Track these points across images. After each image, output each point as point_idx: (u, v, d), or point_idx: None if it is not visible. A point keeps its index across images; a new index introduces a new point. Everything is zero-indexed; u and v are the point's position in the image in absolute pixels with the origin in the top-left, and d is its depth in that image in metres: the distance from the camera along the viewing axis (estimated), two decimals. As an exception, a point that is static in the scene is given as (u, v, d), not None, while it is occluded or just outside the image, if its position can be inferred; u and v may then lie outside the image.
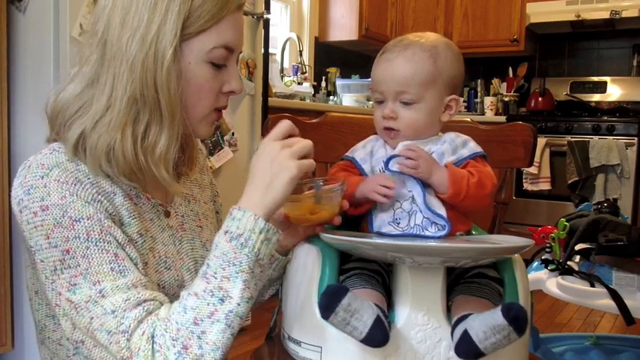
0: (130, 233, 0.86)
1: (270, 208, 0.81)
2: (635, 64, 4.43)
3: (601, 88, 4.49)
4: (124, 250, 0.83)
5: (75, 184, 0.82)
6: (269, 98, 2.72)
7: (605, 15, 4.05)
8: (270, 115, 2.22)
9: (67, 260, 0.80)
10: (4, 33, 1.84)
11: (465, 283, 0.89)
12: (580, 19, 4.14)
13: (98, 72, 0.85)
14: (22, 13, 1.86)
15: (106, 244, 0.81)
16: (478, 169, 0.94)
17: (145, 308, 0.79)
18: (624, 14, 3.98)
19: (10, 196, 2.03)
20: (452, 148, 0.95)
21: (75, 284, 0.80)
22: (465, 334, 0.77)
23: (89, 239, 0.80)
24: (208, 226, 1.03)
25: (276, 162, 0.80)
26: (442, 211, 0.91)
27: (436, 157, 0.93)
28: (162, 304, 0.82)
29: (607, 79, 4.49)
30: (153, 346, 0.77)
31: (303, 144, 0.83)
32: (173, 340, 0.77)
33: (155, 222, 0.92)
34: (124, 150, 0.83)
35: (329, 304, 0.77)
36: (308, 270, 0.92)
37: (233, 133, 2.38)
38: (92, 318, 0.79)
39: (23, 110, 1.89)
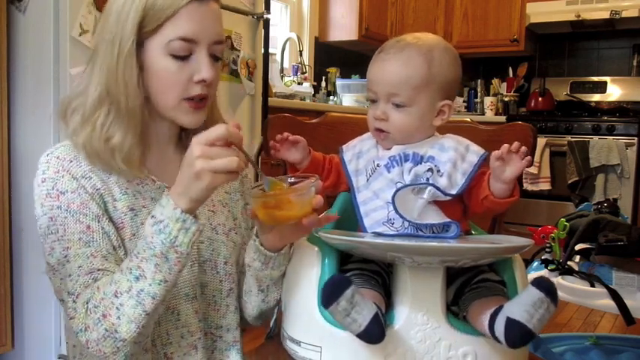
0: (120, 207, 0.95)
1: (190, 202, 0.83)
2: (635, 64, 4.44)
3: (601, 88, 4.49)
4: (99, 222, 0.92)
5: (71, 161, 0.94)
6: (269, 98, 2.72)
7: (605, 15, 4.05)
8: (270, 115, 2.21)
9: (50, 227, 0.91)
10: (4, 33, 1.84)
11: (472, 290, 0.89)
12: (580, 19, 4.14)
13: (89, 74, 0.96)
14: (22, 13, 1.86)
15: (81, 215, 0.91)
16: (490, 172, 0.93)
17: (94, 276, 0.88)
18: (624, 14, 3.98)
19: (10, 196, 2.02)
20: (460, 155, 0.94)
21: (53, 248, 0.91)
22: (510, 321, 0.76)
23: (68, 210, 0.91)
24: (224, 212, 1.07)
25: (192, 168, 0.80)
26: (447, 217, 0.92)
27: (450, 165, 0.92)
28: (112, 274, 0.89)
29: (607, 79, 4.49)
30: (86, 310, 0.87)
31: (224, 162, 0.79)
32: (95, 307, 0.86)
33: (156, 201, 0.97)
34: (92, 141, 0.92)
35: (332, 293, 0.77)
36: (308, 270, 0.92)
37: (233, 133, 2.38)
38: (61, 279, 0.90)
39: (23, 110, 1.89)
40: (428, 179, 0.91)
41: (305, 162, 1.00)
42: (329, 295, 0.78)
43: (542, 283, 0.77)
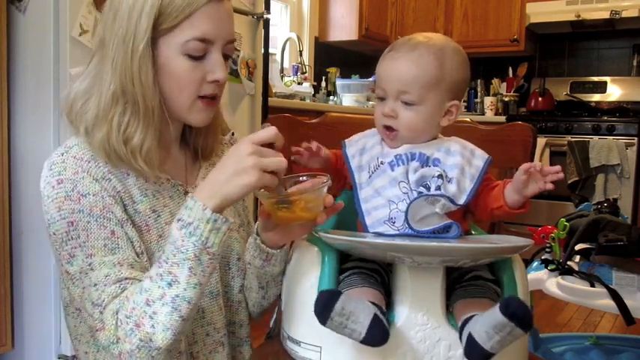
0: (143, 209, 0.93)
1: (221, 202, 0.82)
2: (635, 64, 4.43)
3: (601, 88, 4.49)
4: (122, 227, 0.89)
5: (89, 161, 0.90)
6: (269, 98, 2.72)
7: (605, 15, 4.05)
8: (270, 115, 2.22)
9: (70, 232, 0.87)
10: (4, 33, 1.84)
11: (462, 287, 0.89)
12: (580, 19, 4.14)
13: (97, 70, 0.93)
14: (22, 13, 1.86)
15: (105, 220, 0.88)
16: (506, 181, 0.94)
17: (121, 286, 0.86)
18: (624, 14, 3.98)
19: (10, 196, 2.02)
20: (466, 160, 0.94)
21: (73, 256, 0.87)
22: (470, 338, 0.77)
23: (91, 214, 0.88)
24: (231, 209, 1.07)
25: (240, 164, 0.81)
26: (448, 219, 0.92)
27: (457, 171, 0.92)
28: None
29: (607, 79, 4.49)
30: (116, 322, 0.84)
31: (276, 161, 0.82)
32: (127, 318, 0.83)
33: (175, 199, 0.99)
34: (110, 141, 0.90)
35: (323, 310, 0.77)
36: (308, 270, 0.92)
37: (233, 133, 2.37)
38: (84, 288, 0.87)
39: (23, 110, 1.89)
40: (439, 187, 0.91)
41: (320, 165, 0.99)
42: (321, 313, 0.78)
43: (509, 307, 0.74)
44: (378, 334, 0.77)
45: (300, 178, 0.92)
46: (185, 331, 0.87)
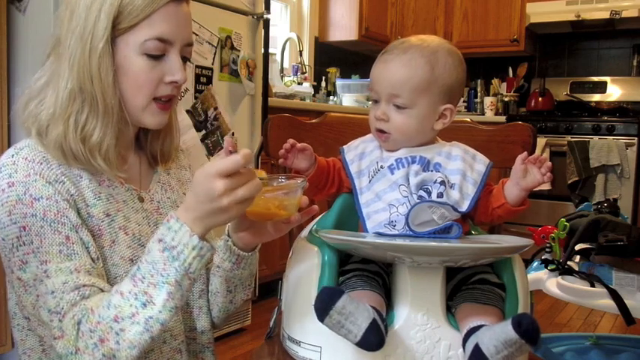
0: (96, 213, 0.91)
1: (205, 230, 0.82)
2: (635, 64, 4.43)
3: (601, 88, 4.49)
4: (77, 232, 0.87)
5: (41, 163, 0.88)
6: (269, 98, 2.72)
7: (605, 15, 4.05)
8: (270, 115, 2.21)
9: (22, 237, 0.84)
10: (4, 33, 1.84)
11: (468, 289, 0.89)
12: (580, 19, 4.13)
13: (53, 69, 0.92)
14: (22, 13, 1.86)
15: (59, 225, 0.85)
16: (503, 181, 0.94)
17: (80, 293, 0.83)
18: (624, 14, 3.98)
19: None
20: (468, 165, 0.94)
21: (26, 262, 0.84)
22: (477, 349, 0.77)
23: (44, 219, 0.85)
24: None
25: (217, 204, 0.78)
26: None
27: (459, 176, 0.92)
28: (100, 290, 0.86)
29: (607, 79, 4.49)
30: (77, 333, 0.82)
31: (249, 189, 0.78)
32: (91, 332, 0.81)
33: (129, 204, 0.97)
34: (68, 139, 0.88)
35: (324, 306, 0.77)
36: (308, 270, 0.92)
37: (233, 133, 2.38)
38: (38, 296, 0.84)
39: (23, 110, 1.88)
40: (442, 194, 0.91)
41: (312, 169, 0.99)
42: (321, 309, 0.77)
43: (522, 322, 0.74)
44: (373, 339, 0.77)
45: (279, 179, 0.92)
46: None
